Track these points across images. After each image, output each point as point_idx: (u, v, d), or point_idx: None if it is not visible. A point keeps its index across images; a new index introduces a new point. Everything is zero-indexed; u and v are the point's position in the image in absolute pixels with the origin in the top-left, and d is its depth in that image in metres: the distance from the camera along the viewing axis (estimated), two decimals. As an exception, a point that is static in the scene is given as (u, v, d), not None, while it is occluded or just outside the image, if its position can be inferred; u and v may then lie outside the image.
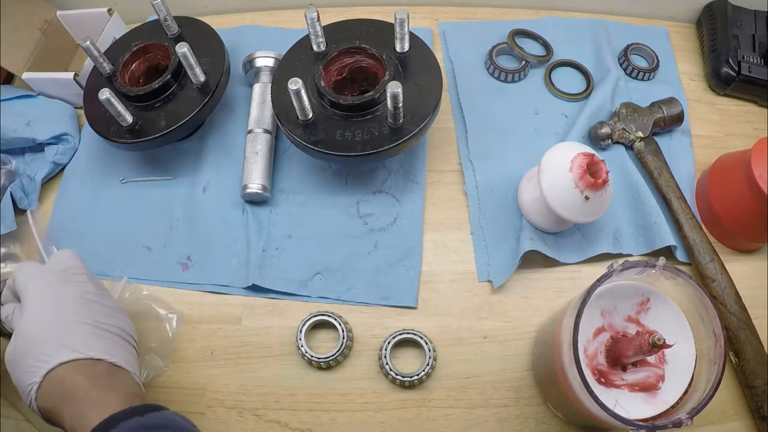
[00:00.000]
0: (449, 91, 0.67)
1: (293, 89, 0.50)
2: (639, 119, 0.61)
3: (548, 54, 0.68)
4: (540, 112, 0.65)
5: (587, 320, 0.44)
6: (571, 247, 0.57)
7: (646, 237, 0.57)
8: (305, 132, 0.54)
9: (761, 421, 0.49)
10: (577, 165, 0.49)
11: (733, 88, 0.66)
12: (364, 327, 0.54)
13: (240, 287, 0.56)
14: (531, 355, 0.53)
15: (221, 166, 0.62)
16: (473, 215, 0.59)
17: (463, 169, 0.62)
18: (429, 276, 0.56)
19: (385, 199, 0.60)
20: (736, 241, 0.57)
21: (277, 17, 0.74)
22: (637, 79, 0.68)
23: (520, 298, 0.55)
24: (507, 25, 0.71)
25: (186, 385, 0.52)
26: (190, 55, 0.55)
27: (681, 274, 0.40)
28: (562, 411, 0.49)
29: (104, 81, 0.60)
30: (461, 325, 0.54)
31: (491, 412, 0.51)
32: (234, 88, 0.66)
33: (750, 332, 0.51)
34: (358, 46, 0.57)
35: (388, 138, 0.53)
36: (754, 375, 0.50)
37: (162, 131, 0.56)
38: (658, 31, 0.72)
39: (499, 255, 0.57)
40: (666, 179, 0.59)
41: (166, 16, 0.60)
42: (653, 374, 0.43)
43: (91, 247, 0.58)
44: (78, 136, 0.65)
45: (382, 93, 0.53)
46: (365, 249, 0.57)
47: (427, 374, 0.51)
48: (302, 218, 0.59)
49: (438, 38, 0.72)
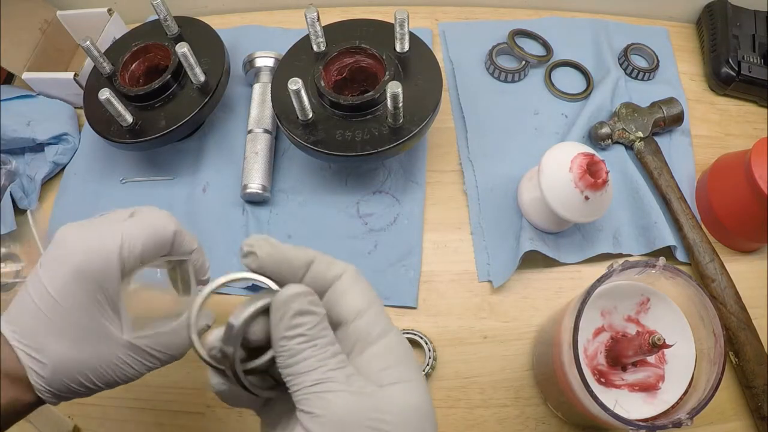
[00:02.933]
0: (449, 91, 0.67)
1: (293, 89, 0.50)
2: (639, 119, 0.61)
3: (548, 54, 0.68)
4: (540, 112, 0.65)
5: (587, 320, 0.44)
6: (571, 247, 0.57)
7: (646, 237, 0.57)
8: (305, 132, 0.54)
9: (761, 421, 0.49)
10: (577, 165, 0.49)
11: (733, 88, 0.66)
12: (364, 327, 0.54)
13: (240, 287, 0.56)
14: (531, 355, 0.53)
15: (221, 166, 0.62)
16: (473, 215, 0.59)
17: (463, 169, 0.62)
18: (429, 276, 0.56)
19: (385, 199, 0.60)
20: (736, 241, 0.57)
21: (277, 17, 0.74)
22: (637, 79, 0.68)
23: (520, 298, 0.55)
24: (507, 25, 0.71)
25: (186, 385, 0.52)
26: (190, 55, 0.55)
27: (681, 274, 0.40)
28: (562, 411, 0.49)
29: (104, 81, 0.60)
30: (461, 325, 0.54)
31: (491, 412, 0.51)
32: (234, 88, 0.66)
33: (750, 332, 0.51)
34: (358, 46, 0.57)
35: (388, 138, 0.53)
36: (754, 375, 0.50)
37: (162, 131, 0.56)
38: (658, 31, 0.72)
39: (499, 255, 0.57)
40: (666, 179, 0.59)
41: (166, 16, 0.60)
42: (653, 374, 0.43)
43: (91, 247, 0.58)
44: (78, 136, 0.65)
45: (382, 93, 0.53)
46: (365, 249, 0.57)
47: (427, 374, 0.51)
48: (302, 218, 0.59)
49: (438, 38, 0.72)
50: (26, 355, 0.31)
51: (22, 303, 0.32)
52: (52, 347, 0.31)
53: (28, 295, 0.32)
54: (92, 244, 0.32)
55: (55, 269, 0.32)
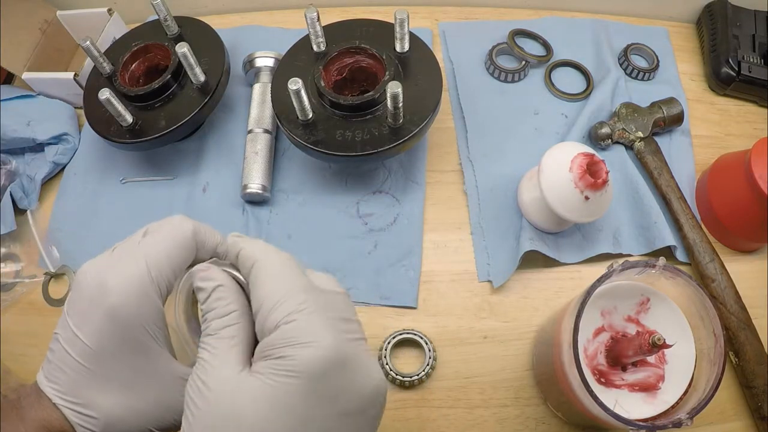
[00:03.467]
0: (449, 91, 0.67)
1: (293, 89, 0.50)
2: (639, 119, 0.61)
3: (548, 54, 0.68)
4: (540, 112, 0.65)
5: (587, 320, 0.44)
6: (571, 247, 0.57)
7: (646, 237, 0.57)
8: (305, 132, 0.54)
9: (761, 421, 0.49)
10: (577, 165, 0.49)
11: (733, 88, 0.66)
12: (364, 327, 0.53)
13: None
14: (531, 355, 0.53)
15: (221, 166, 0.62)
16: (473, 215, 0.59)
17: (463, 169, 0.62)
18: (429, 276, 0.56)
19: (385, 199, 0.60)
20: (736, 241, 0.57)
21: (277, 17, 0.74)
22: (637, 79, 0.68)
23: (520, 298, 0.55)
24: (507, 25, 0.71)
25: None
26: (190, 55, 0.55)
27: (681, 274, 0.40)
28: (562, 411, 0.49)
29: (104, 81, 0.60)
30: (461, 325, 0.54)
31: (491, 412, 0.51)
32: (234, 88, 0.66)
33: (750, 332, 0.51)
34: (358, 46, 0.57)
35: (388, 138, 0.53)
36: (754, 375, 0.50)
37: (162, 131, 0.56)
38: (658, 31, 0.72)
39: (499, 255, 0.57)
40: (666, 179, 0.59)
41: (166, 16, 0.60)
42: (653, 374, 0.43)
43: (91, 247, 0.58)
44: (78, 136, 0.65)
45: (382, 93, 0.53)
46: (365, 249, 0.57)
47: (427, 374, 0.51)
48: (302, 218, 0.59)
49: (438, 38, 0.72)
50: (73, 412, 0.29)
51: (57, 356, 0.29)
52: (100, 399, 0.29)
53: (61, 347, 0.29)
54: (118, 279, 0.29)
55: (84, 315, 0.29)
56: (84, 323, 0.28)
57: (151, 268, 0.29)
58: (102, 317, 0.28)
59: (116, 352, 0.29)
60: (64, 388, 0.29)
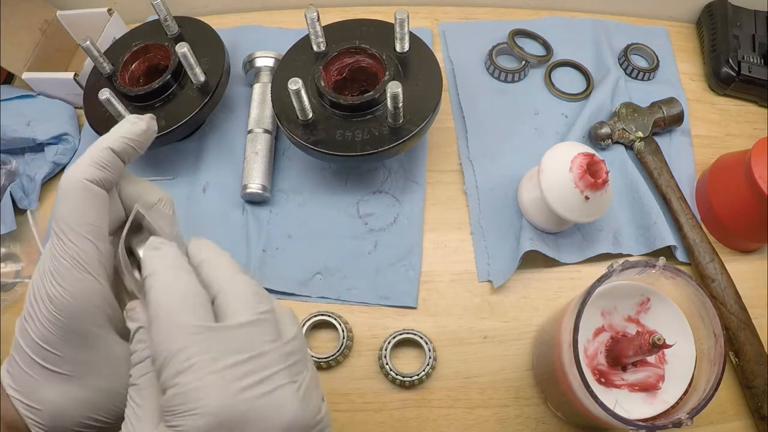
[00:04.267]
0: (449, 91, 0.67)
1: (293, 89, 0.50)
2: (639, 119, 0.61)
3: (548, 54, 0.68)
4: (540, 112, 0.65)
5: (587, 320, 0.44)
6: (571, 247, 0.57)
7: (646, 237, 0.57)
8: (305, 132, 0.54)
9: (761, 421, 0.49)
10: (577, 165, 0.49)
11: (733, 88, 0.66)
12: (364, 327, 0.54)
13: None
14: (531, 355, 0.53)
15: (221, 166, 0.62)
16: (473, 215, 0.59)
17: (463, 169, 0.62)
18: (429, 276, 0.56)
19: (385, 199, 0.60)
20: (736, 241, 0.57)
21: (277, 17, 0.74)
22: (637, 79, 0.68)
23: (520, 298, 0.55)
24: (507, 25, 0.71)
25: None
26: (190, 55, 0.55)
27: (681, 274, 0.40)
28: (562, 411, 0.49)
29: (104, 81, 0.60)
30: (461, 325, 0.54)
31: (491, 412, 0.51)
32: (234, 88, 0.66)
33: (750, 332, 0.51)
34: (358, 46, 0.57)
35: (388, 138, 0.53)
36: (754, 375, 0.50)
37: (162, 131, 0.56)
38: (658, 31, 0.72)
39: (499, 255, 0.57)
40: (666, 179, 0.59)
41: (166, 16, 0.60)
42: (653, 374, 0.43)
43: (91, 247, 0.58)
44: (78, 136, 0.65)
45: (382, 93, 0.53)
46: (365, 249, 0.57)
47: (427, 374, 0.51)
48: (302, 218, 0.59)
49: (438, 38, 0.72)
50: (20, 402, 0.28)
51: (13, 348, 0.29)
52: (44, 390, 0.28)
53: (16, 338, 0.28)
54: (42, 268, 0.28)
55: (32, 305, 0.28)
56: (31, 315, 0.28)
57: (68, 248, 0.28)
58: (44, 308, 0.27)
59: (59, 343, 0.28)
60: (16, 379, 0.28)
